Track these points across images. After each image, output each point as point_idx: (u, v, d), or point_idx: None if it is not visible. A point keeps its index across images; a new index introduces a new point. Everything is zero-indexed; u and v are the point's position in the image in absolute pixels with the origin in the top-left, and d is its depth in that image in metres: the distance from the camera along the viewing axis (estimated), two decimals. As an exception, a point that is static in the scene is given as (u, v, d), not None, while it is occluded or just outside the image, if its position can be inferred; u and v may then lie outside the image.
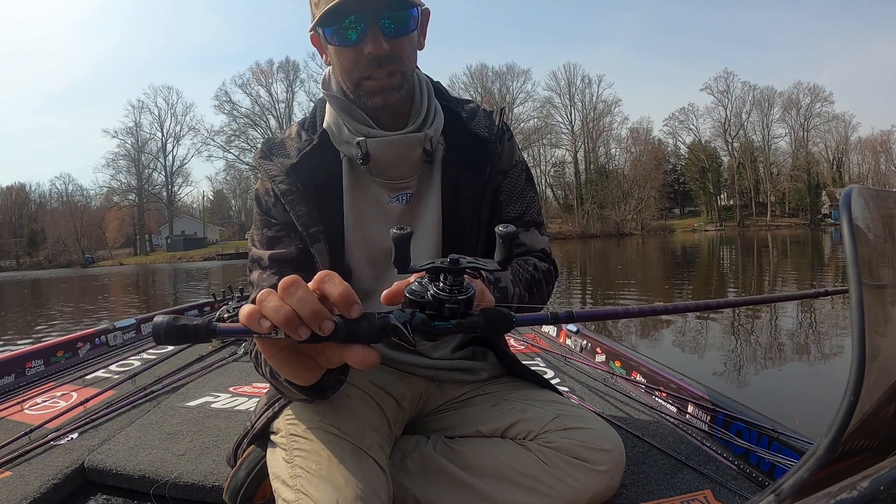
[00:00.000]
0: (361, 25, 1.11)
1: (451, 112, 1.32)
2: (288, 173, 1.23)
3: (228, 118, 69.74)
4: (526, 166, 1.44)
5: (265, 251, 1.25)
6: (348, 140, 1.23)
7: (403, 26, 1.15)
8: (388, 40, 1.12)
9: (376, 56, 1.12)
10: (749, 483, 1.57)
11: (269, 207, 1.26)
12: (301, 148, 1.26)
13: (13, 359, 2.81)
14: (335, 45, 1.16)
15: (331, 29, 1.14)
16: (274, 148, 1.29)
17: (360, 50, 1.13)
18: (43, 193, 76.70)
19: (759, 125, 71.38)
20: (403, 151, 1.24)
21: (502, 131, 1.36)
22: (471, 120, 1.32)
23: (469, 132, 1.31)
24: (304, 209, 1.23)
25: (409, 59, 1.20)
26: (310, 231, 1.23)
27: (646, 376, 2.41)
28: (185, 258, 62.38)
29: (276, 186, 1.23)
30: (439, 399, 1.41)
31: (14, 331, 9.01)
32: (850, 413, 0.35)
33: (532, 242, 1.39)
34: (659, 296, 9.78)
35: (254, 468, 1.27)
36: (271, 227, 1.26)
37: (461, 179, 1.31)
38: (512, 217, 1.37)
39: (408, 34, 1.16)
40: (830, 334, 5.67)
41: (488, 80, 72.19)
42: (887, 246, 0.46)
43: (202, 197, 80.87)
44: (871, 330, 0.36)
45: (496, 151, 1.34)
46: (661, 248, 30.57)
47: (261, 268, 1.25)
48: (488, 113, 1.38)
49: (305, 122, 1.34)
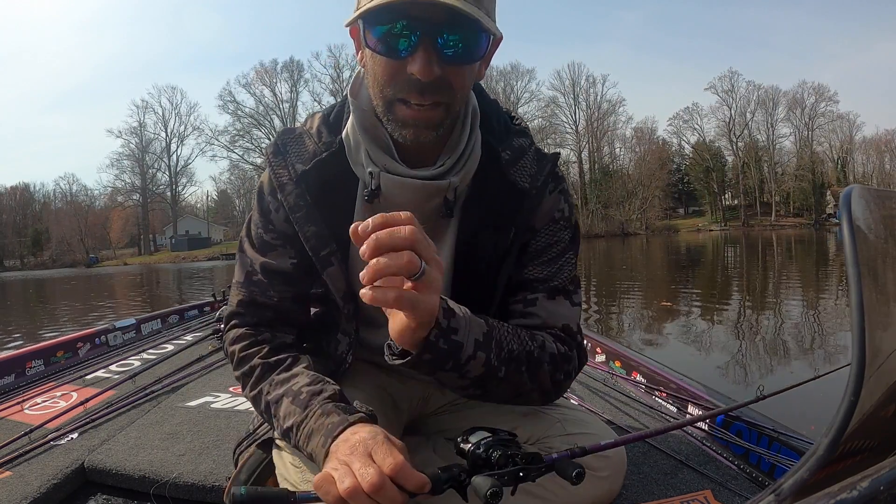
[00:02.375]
0: (414, 37, 0.90)
1: (491, 151, 1.11)
2: (298, 182, 1.09)
3: (232, 118, 69.96)
4: (573, 222, 1.19)
5: (258, 255, 1.16)
6: (363, 163, 1.08)
7: (467, 52, 0.94)
8: (441, 64, 0.92)
9: (421, 81, 0.92)
10: (749, 483, 1.57)
11: (269, 210, 1.14)
12: (316, 152, 1.11)
13: (13, 359, 2.82)
14: (375, 51, 0.95)
15: (376, 30, 0.92)
16: (290, 144, 1.13)
17: (403, 66, 0.93)
18: (47, 193, 77.24)
19: (763, 125, 71.27)
20: (419, 199, 1.07)
21: (547, 183, 1.14)
22: (512, 164, 1.12)
23: (505, 180, 1.11)
24: (313, 229, 1.10)
25: (461, 92, 0.99)
26: (320, 255, 1.11)
27: (646, 376, 2.40)
28: (189, 258, 62.52)
29: (284, 198, 1.10)
30: (440, 400, 1.39)
31: (19, 330, 9.03)
32: (850, 413, 0.35)
33: (550, 315, 1.13)
34: (664, 296, 9.77)
35: (255, 471, 1.25)
36: (268, 231, 1.15)
37: (481, 236, 1.13)
38: (534, 278, 1.14)
39: (469, 63, 0.96)
40: (833, 334, 5.65)
41: (492, 80, 72.08)
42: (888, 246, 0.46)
43: (206, 197, 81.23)
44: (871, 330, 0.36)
45: (532, 207, 1.13)
46: (665, 248, 30.56)
47: (251, 269, 1.16)
48: (541, 156, 1.16)
49: (330, 115, 1.16)
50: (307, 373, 1.06)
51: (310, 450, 0.95)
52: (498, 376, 0.99)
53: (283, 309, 1.16)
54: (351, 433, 0.87)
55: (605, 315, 8.04)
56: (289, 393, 1.02)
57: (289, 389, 1.03)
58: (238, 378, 1.14)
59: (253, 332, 1.14)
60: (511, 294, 1.15)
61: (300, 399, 1.00)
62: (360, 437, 0.84)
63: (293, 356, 1.11)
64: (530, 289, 1.14)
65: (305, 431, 0.96)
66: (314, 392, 1.00)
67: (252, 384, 1.09)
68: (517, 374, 1.02)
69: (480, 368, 0.96)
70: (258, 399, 1.08)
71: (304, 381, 1.03)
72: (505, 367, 0.99)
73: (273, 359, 1.10)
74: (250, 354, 1.11)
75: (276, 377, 1.07)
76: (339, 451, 0.84)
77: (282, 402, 1.03)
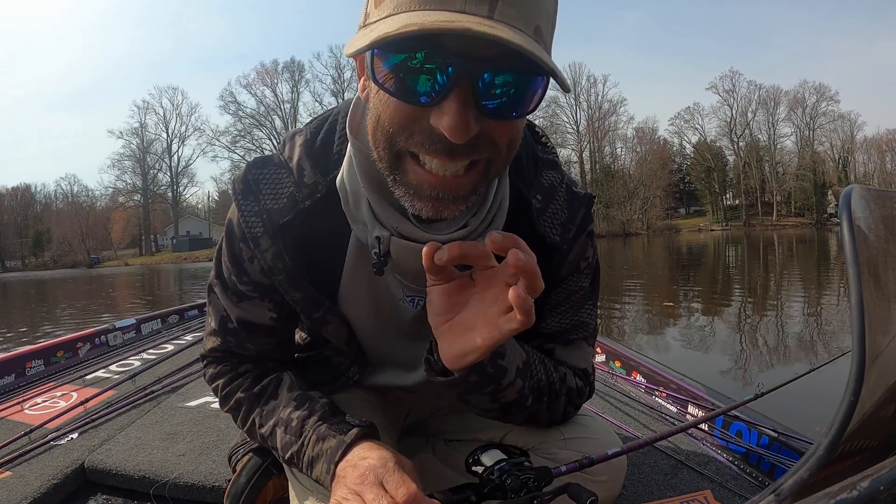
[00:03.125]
0: (443, 77, 0.65)
1: (519, 200, 0.96)
2: (273, 237, 0.92)
3: (233, 118, 70.35)
4: (594, 268, 1.08)
5: (232, 305, 1.01)
6: (366, 222, 0.88)
7: (516, 102, 0.68)
8: (482, 118, 0.67)
9: (450, 144, 0.67)
10: (749, 483, 1.57)
11: (242, 259, 0.97)
12: (298, 199, 0.91)
13: (13, 359, 2.82)
14: (383, 88, 0.68)
15: (388, 59, 0.67)
16: (263, 181, 0.93)
17: (425, 115, 0.68)
18: (48, 194, 77.27)
19: (764, 124, 71.30)
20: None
21: (581, 230, 1.01)
22: (542, 212, 0.97)
23: (534, 232, 0.96)
24: (300, 295, 0.96)
25: (506, 150, 0.75)
26: (314, 318, 1.00)
27: (646, 376, 2.40)
28: (190, 258, 62.50)
29: (260, 255, 0.93)
30: (436, 403, 1.39)
31: (20, 331, 9.04)
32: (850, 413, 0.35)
33: (572, 361, 1.07)
34: (665, 296, 9.76)
35: (254, 475, 1.26)
36: (242, 281, 0.98)
37: None
38: (552, 331, 1.06)
39: (519, 116, 0.71)
40: (834, 334, 5.64)
41: (493, 80, 71.91)
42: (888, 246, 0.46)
43: (207, 197, 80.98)
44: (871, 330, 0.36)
45: (560, 261, 1.00)
46: (667, 247, 30.52)
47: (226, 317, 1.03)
48: (572, 198, 1.01)
49: (314, 147, 0.93)
50: (293, 395, 1.01)
51: (315, 476, 0.93)
52: (525, 405, 0.97)
53: (264, 356, 1.09)
54: (359, 458, 0.84)
55: (606, 315, 8.03)
56: (280, 422, 0.98)
57: (279, 418, 0.99)
58: (227, 412, 1.10)
59: (232, 367, 1.08)
60: (526, 339, 1.02)
61: (292, 427, 0.96)
62: (370, 464, 0.80)
63: (275, 379, 1.06)
64: (546, 339, 1.07)
65: (306, 461, 0.94)
66: (304, 416, 0.96)
67: (242, 419, 1.06)
68: (538, 402, 1.00)
69: (515, 395, 0.93)
70: (252, 432, 1.06)
71: (292, 405, 0.99)
72: (532, 397, 0.97)
73: (256, 388, 1.04)
74: (233, 389, 1.06)
75: (262, 407, 1.03)
76: (349, 479, 0.81)
77: (276, 434, 0.99)
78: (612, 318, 7.80)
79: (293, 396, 1.01)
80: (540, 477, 0.81)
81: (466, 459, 0.87)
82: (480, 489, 0.82)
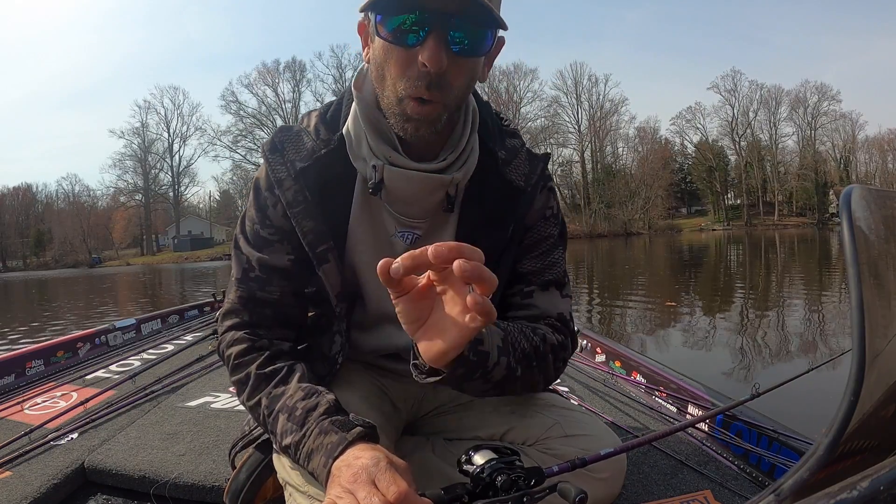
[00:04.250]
0: (423, 32, 0.93)
1: (488, 152, 1.16)
2: (296, 178, 1.10)
3: (235, 118, 70.01)
4: (561, 221, 1.27)
5: (254, 252, 1.15)
6: (365, 157, 1.09)
7: (473, 45, 0.97)
8: (450, 55, 0.95)
9: (429, 72, 0.94)
10: (749, 483, 1.57)
11: (266, 206, 1.14)
12: (315, 149, 1.11)
13: (13, 359, 2.83)
14: (387, 40, 0.97)
15: (388, 22, 0.96)
16: (287, 141, 1.14)
17: (413, 55, 0.95)
18: (49, 194, 77.17)
19: (766, 124, 71.21)
20: (422, 192, 1.10)
21: (541, 181, 1.21)
22: (508, 163, 1.17)
23: (502, 178, 1.16)
24: (311, 224, 1.11)
25: (461, 90, 1.02)
26: (317, 251, 1.12)
27: (646, 376, 2.40)
28: (191, 258, 62.63)
29: (283, 193, 1.10)
30: (433, 402, 1.39)
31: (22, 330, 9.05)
32: (850, 413, 0.35)
33: (548, 306, 1.20)
34: (666, 295, 9.76)
35: (254, 471, 1.26)
36: (265, 226, 1.14)
37: (479, 232, 1.15)
38: (528, 271, 1.21)
39: (475, 55, 0.99)
40: (835, 334, 5.64)
41: (495, 79, 72.02)
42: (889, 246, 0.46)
43: (209, 197, 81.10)
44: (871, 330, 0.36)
45: (527, 205, 1.19)
46: (668, 247, 30.53)
47: (248, 266, 1.15)
48: (532, 156, 1.22)
49: (327, 113, 1.17)
50: (302, 385, 1.04)
51: (311, 469, 0.95)
52: (516, 376, 1.04)
53: (282, 304, 1.15)
54: (353, 457, 0.86)
55: (608, 314, 8.04)
56: (284, 409, 1.02)
57: (284, 405, 1.02)
58: (233, 382, 1.13)
59: (250, 336, 1.13)
60: (508, 287, 1.21)
61: (296, 416, 0.99)
62: (363, 464, 0.83)
63: (288, 366, 1.09)
64: (525, 282, 1.20)
65: (305, 451, 0.95)
66: (309, 408, 0.99)
67: (248, 394, 1.09)
68: (529, 370, 1.07)
69: (503, 372, 1.00)
70: (255, 410, 1.08)
71: (300, 395, 1.02)
72: (520, 367, 1.05)
73: (269, 368, 1.09)
74: (246, 362, 1.10)
75: (272, 390, 1.05)
76: (343, 478, 0.83)
77: (278, 419, 1.02)
78: (614, 317, 7.81)
79: (302, 387, 1.03)
80: (530, 476, 0.82)
81: (459, 459, 0.88)
82: (472, 488, 0.82)
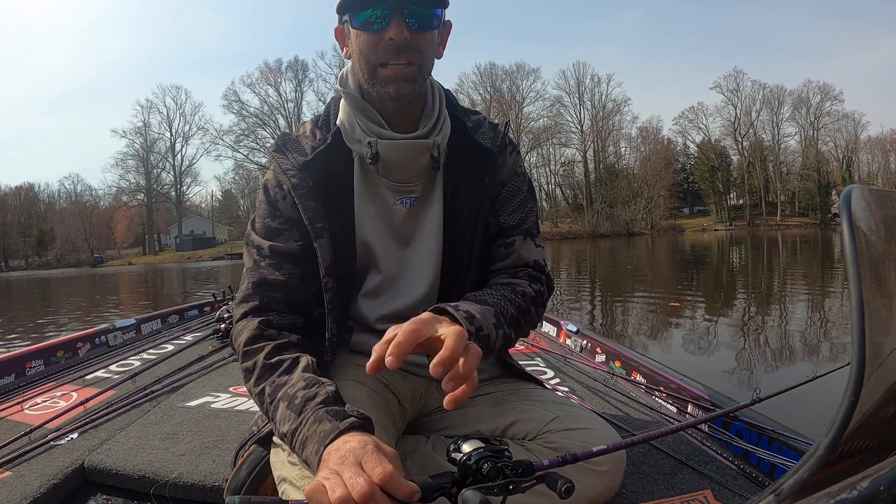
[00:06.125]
0: (386, 16, 1.15)
1: (458, 121, 1.35)
2: (301, 169, 1.25)
3: (237, 118, 70.07)
4: (529, 180, 1.46)
5: (265, 241, 1.27)
6: (360, 139, 1.26)
7: (426, 21, 1.19)
8: (410, 30, 1.16)
9: (396, 43, 1.15)
10: (749, 483, 1.56)
11: (276, 199, 1.28)
12: (315, 146, 1.28)
13: (13, 359, 2.82)
14: (357, 28, 1.19)
15: (358, 18, 1.18)
16: (289, 144, 1.30)
17: (382, 36, 1.16)
18: (52, 193, 77.35)
19: (768, 124, 71.16)
20: (412, 156, 1.27)
21: (505, 144, 1.39)
22: (475, 130, 1.36)
23: (472, 142, 1.34)
24: (312, 204, 1.24)
25: (428, 55, 1.23)
26: (315, 226, 1.24)
27: (646, 376, 2.39)
28: (193, 258, 62.66)
29: (289, 180, 1.25)
30: (438, 399, 1.40)
31: (20, 330, 9.07)
32: (850, 413, 0.35)
33: (526, 253, 1.38)
34: (668, 295, 9.75)
35: (255, 468, 1.27)
36: (275, 218, 1.28)
37: (461, 188, 1.33)
38: (509, 225, 1.38)
39: (430, 30, 1.20)
40: (836, 335, 5.63)
41: (498, 79, 72.18)
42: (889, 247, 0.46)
43: (211, 197, 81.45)
44: (871, 330, 0.36)
45: (497, 162, 1.36)
46: (671, 247, 30.52)
47: (259, 255, 1.27)
48: (494, 126, 1.41)
49: (319, 119, 1.35)
50: (305, 375, 1.08)
51: (305, 456, 0.98)
52: (511, 338, 1.23)
53: (291, 287, 1.24)
54: (342, 442, 0.90)
55: (610, 314, 8.04)
56: (285, 397, 1.06)
57: (285, 393, 1.06)
58: (241, 370, 1.20)
59: (260, 326, 1.19)
60: (492, 241, 1.38)
61: (295, 404, 1.03)
62: (351, 447, 0.87)
63: (294, 356, 1.14)
64: (507, 234, 1.38)
65: (300, 438, 0.99)
66: (308, 397, 1.02)
67: (254, 381, 1.14)
68: (519, 328, 1.26)
69: (501, 341, 1.16)
70: (260, 398, 1.13)
71: (301, 384, 1.06)
72: (514, 330, 1.22)
73: (275, 358, 1.14)
74: (255, 350, 1.16)
75: (276, 378, 1.10)
76: (331, 460, 0.86)
77: (279, 406, 1.06)
78: (616, 316, 7.81)
79: (305, 377, 1.08)
80: (517, 466, 0.83)
81: (448, 447, 0.89)
82: (458, 476, 0.83)
